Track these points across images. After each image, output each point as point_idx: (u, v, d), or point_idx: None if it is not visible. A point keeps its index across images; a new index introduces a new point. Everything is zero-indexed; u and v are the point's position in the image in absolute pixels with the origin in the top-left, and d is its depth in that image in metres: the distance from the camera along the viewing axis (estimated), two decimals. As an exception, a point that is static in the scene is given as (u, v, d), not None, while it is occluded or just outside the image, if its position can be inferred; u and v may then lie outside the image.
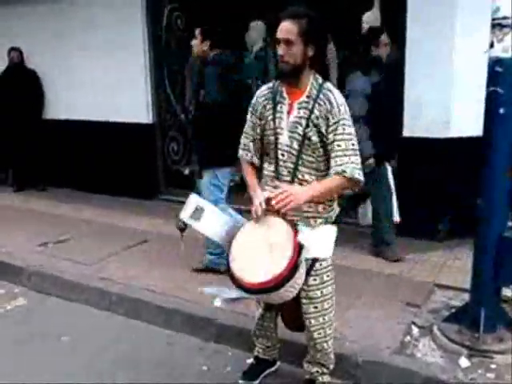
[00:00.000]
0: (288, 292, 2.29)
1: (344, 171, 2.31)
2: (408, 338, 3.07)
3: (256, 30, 5.89)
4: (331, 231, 2.30)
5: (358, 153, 2.36)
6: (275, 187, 2.38)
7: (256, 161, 2.56)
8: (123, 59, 6.12)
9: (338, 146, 2.33)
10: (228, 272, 2.35)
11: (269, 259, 2.27)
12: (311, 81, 2.40)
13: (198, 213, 2.45)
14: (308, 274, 2.41)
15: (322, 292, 2.49)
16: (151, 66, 6.19)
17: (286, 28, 2.29)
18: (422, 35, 4.33)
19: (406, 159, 4.68)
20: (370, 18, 5.44)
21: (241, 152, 2.61)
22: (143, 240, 4.80)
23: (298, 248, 2.24)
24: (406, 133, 4.58)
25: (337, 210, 2.55)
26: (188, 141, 6.32)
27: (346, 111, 2.36)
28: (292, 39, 2.29)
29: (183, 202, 2.56)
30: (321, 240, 2.25)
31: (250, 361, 2.92)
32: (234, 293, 2.31)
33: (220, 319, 3.28)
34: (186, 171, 6.31)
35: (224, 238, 2.47)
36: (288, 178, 2.42)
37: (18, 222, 5.45)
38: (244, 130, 2.59)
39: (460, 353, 2.86)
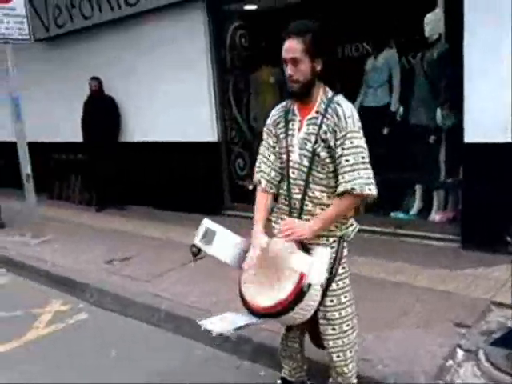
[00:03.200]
0: (300, 315, 2.24)
1: (353, 188, 2.22)
2: (450, 362, 2.83)
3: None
4: (325, 254, 2.21)
5: (368, 166, 2.25)
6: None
7: (269, 189, 2.45)
8: (189, 81, 6.36)
9: (347, 160, 2.24)
10: (239, 294, 2.34)
11: (276, 283, 2.24)
12: (320, 95, 2.34)
13: (209, 236, 2.42)
14: (324, 294, 2.34)
15: (340, 313, 2.40)
16: (216, 86, 6.36)
17: (291, 47, 2.25)
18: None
19: (470, 166, 4.40)
20: (432, 20, 5.18)
21: (256, 176, 2.50)
22: (201, 256, 4.89)
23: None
24: (468, 139, 4.30)
25: (355, 226, 2.45)
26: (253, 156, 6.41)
27: (355, 123, 2.25)
28: (298, 57, 2.24)
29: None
30: (316, 264, 2.16)
31: (279, 382, 2.86)
32: (238, 321, 2.26)
33: (256, 338, 3.26)
34: (250, 186, 6.39)
35: (237, 261, 2.45)
36: (299, 196, 2.36)
37: (92, 240, 5.81)
38: (260, 151, 2.51)
39: (505, 383, 2.59)
